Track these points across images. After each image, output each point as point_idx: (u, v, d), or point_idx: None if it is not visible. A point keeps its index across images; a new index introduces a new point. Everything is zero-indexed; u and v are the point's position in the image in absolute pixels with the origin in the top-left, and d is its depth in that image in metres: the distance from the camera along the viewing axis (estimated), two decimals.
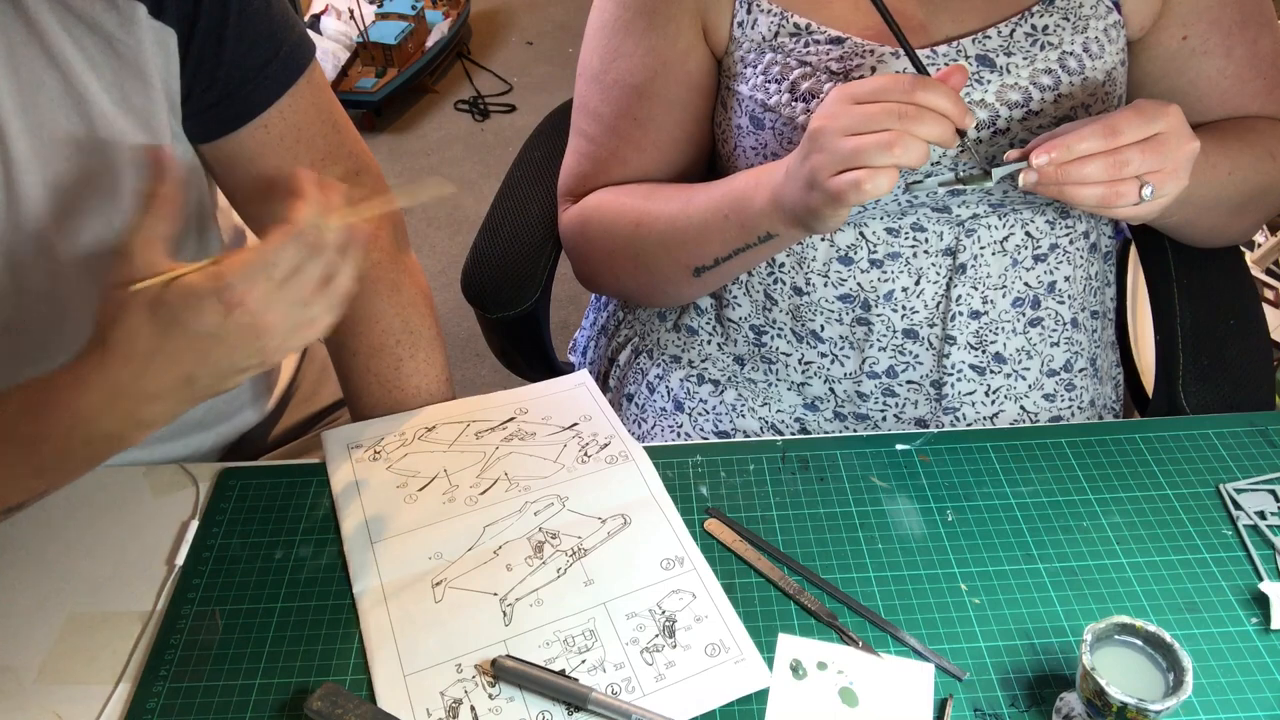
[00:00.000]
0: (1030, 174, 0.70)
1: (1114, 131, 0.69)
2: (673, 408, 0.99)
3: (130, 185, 0.70)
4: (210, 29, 0.69)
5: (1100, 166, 0.69)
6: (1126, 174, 0.70)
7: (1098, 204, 0.71)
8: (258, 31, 0.71)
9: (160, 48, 0.68)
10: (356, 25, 2.91)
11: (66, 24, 0.65)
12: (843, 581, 0.72)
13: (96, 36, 0.66)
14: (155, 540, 0.76)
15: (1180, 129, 0.71)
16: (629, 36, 0.89)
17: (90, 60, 0.66)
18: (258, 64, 0.72)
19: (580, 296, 1.36)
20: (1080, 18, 0.83)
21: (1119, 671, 0.59)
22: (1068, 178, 0.70)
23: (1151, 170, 0.70)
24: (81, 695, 0.66)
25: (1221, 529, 0.75)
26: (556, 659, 0.67)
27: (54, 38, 0.65)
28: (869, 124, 0.69)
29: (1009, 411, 0.92)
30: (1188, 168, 0.72)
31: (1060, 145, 0.69)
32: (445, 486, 0.79)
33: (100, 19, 0.66)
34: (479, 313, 1.07)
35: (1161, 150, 0.70)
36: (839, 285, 0.88)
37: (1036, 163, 0.69)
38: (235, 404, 0.93)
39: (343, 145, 0.79)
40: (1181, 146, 0.71)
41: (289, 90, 0.74)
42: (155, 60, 0.68)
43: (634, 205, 0.90)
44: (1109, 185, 0.70)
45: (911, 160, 0.68)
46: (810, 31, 0.84)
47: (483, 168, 2.82)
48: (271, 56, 0.72)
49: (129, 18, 0.66)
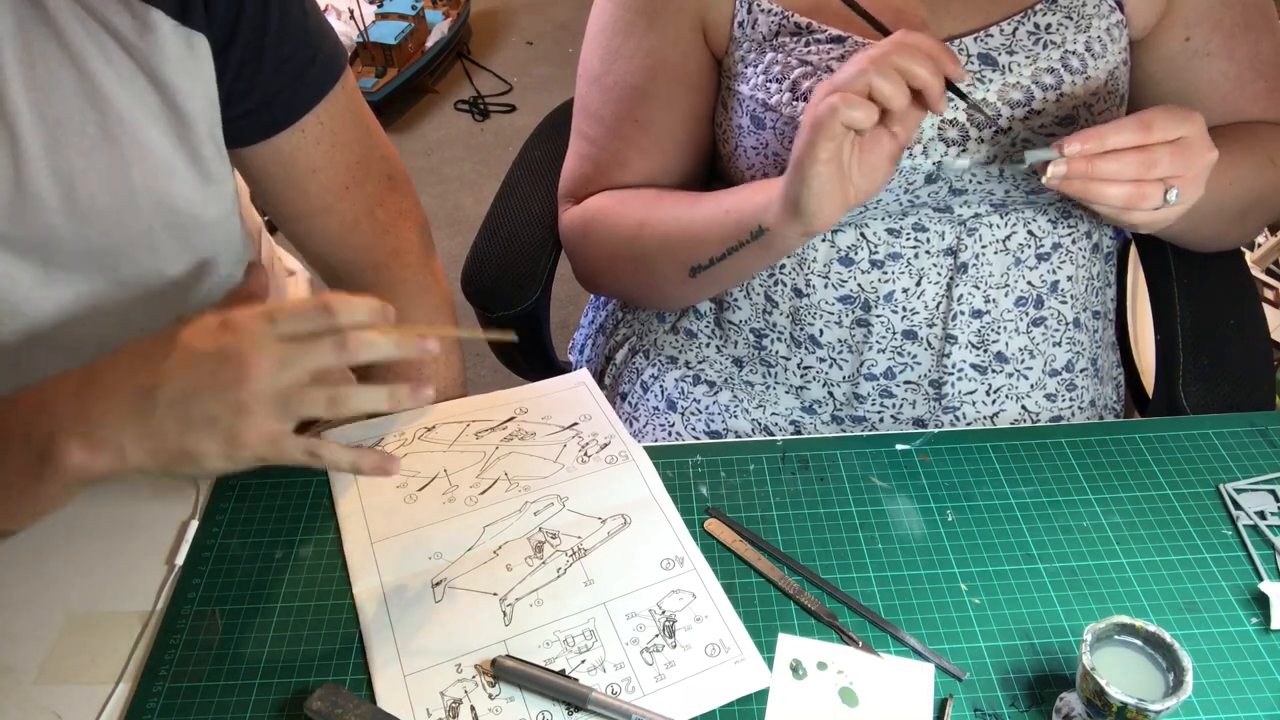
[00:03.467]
0: (1060, 165, 0.69)
1: (1147, 126, 0.69)
2: (665, 406, 0.99)
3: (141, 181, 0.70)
4: (252, 37, 0.69)
5: (1131, 162, 0.69)
6: (1154, 174, 0.69)
7: (1122, 204, 0.70)
8: (296, 39, 0.72)
9: (188, 53, 0.68)
10: (356, 25, 2.91)
11: (84, 22, 0.66)
12: (843, 581, 0.72)
13: (112, 37, 0.66)
14: (155, 540, 0.76)
15: (1203, 137, 0.71)
16: (629, 37, 0.89)
17: (107, 58, 0.66)
18: (297, 71, 0.72)
19: (580, 296, 1.36)
20: (1083, 17, 0.83)
21: (1119, 671, 0.59)
22: (1097, 172, 0.69)
23: (1176, 174, 0.70)
24: (81, 695, 0.66)
25: (1221, 529, 0.75)
26: (556, 659, 0.67)
27: (72, 34, 0.65)
28: (847, 68, 0.69)
29: (1010, 411, 0.92)
30: (1205, 178, 0.72)
31: (1094, 136, 0.69)
32: (445, 486, 0.79)
33: (115, 22, 0.66)
34: (479, 312, 1.07)
35: (1187, 155, 0.70)
36: (839, 286, 0.88)
37: (1069, 151, 0.69)
38: None
39: (375, 149, 0.80)
40: (1204, 154, 0.71)
41: (326, 96, 0.75)
42: (180, 66, 0.68)
43: (639, 207, 0.90)
44: (1136, 186, 0.70)
45: (888, 88, 0.67)
46: (811, 31, 0.84)
47: (483, 168, 2.82)
48: (309, 63, 0.73)
49: (145, 23, 0.66)
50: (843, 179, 0.72)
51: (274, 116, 0.74)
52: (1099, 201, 0.71)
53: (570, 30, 3.46)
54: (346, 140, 0.77)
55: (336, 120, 0.76)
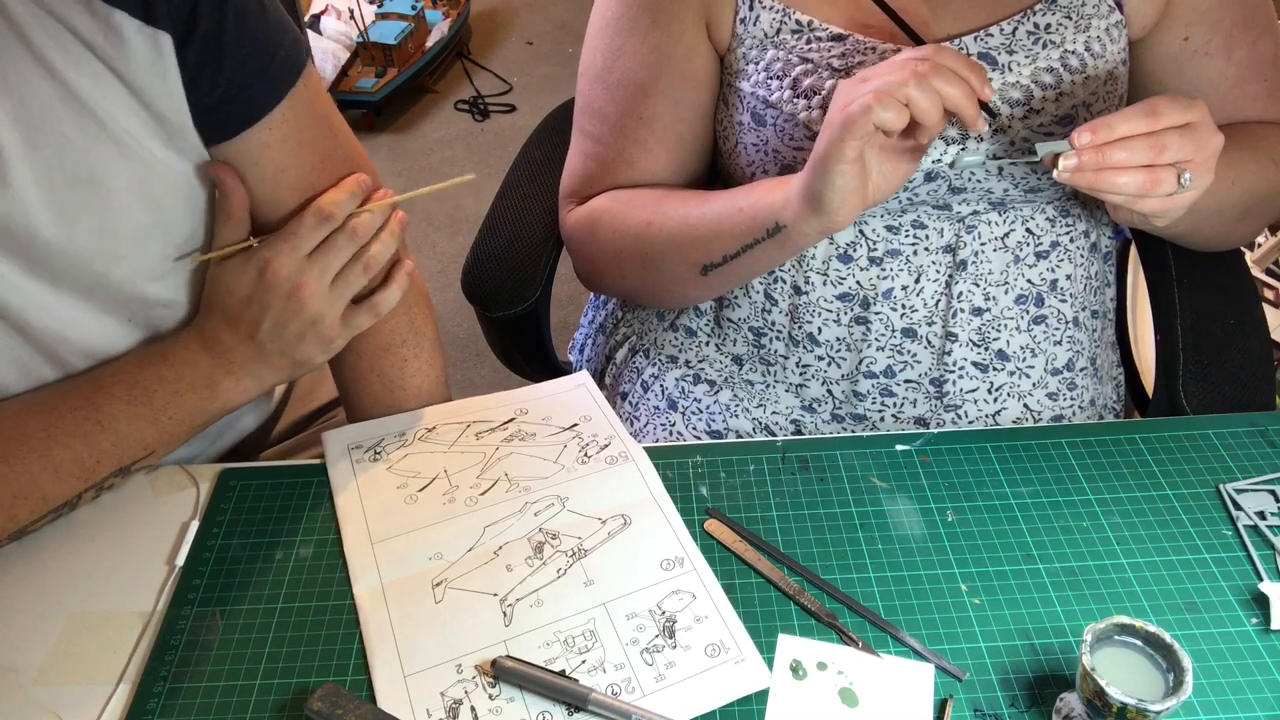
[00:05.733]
0: (1070, 158, 0.69)
1: (1154, 112, 0.69)
2: (666, 406, 0.99)
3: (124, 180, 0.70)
4: (209, 35, 0.69)
5: (1140, 148, 0.69)
6: (1164, 159, 0.69)
7: (1136, 191, 0.70)
8: (255, 36, 0.71)
9: (155, 54, 0.68)
10: (356, 25, 2.91)
11: (46, 25, 0.65)
12: (843, 582, 0.72)
13: (76, 39, 0.66)
14: (155, 540, 0.76)
15: (1209, 122, 0.71)
16: (633, 34, 0.89)
17: (74, 60, 0.66)
18: (257, 68, 0.72)
19: (580, 296, 1.36)
20: (1082, 16, 0.83)
21: (1119, 671, 0.59)
22: (1108, 160, 0.69)
23: (1186, 158, 0.70)
24: (81, 695, 0.66)
25: (1221, 529, 0.75)
26: (556, 659, 0.67)
27: (36, 37, 0.64)
28: (884, 73, 0.70)
29: (1012, 409, 0.92)
30: (1214, 162, 0.72)
31: (1102, 125, 0.69)
32: (445, 487, 0.79)
33: (77, 23, 0.65)
34: (479, 312, 1.07)
35: (1196, 138, 0.70)
36: (838, 284, 0.88)
37: (1079, 141, 0.69)
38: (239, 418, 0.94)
39: (339, 147, 0.80)
40: (1212, 138, 0.71)
41: (289, 93, 0.75)
42: (146, 66, 0.67)
43: (646, 205, 0.89)
44: (1148, 172, 0.70)
45: (925, 103, 0.68)
46: (812, 28, 0.84)
47: (483, 168, 2.82)
48: (269, 61, 0.72)
49: (109, 25, 0.66)
50: (864, 177, 0.73)
51: (238, 114, 0.73)
52: (1112, 191, 0.71)
53: (570, 30, 3.46)
54: (310, 137, 0.77)
55: (300, 117, 0.76)
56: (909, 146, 0.75)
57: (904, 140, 0.74)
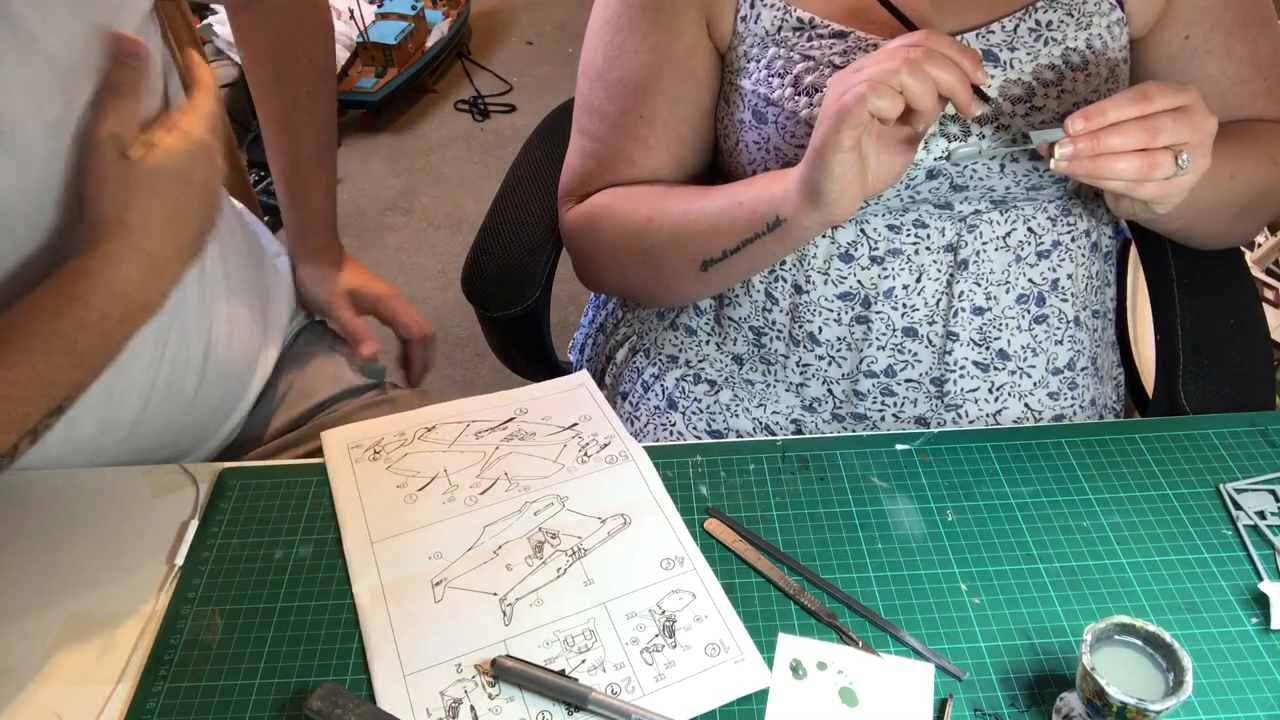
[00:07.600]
0: (1066, 146, 0.70)
1: (1146, 96, 0.69)
2: (666, 406, 0.99)
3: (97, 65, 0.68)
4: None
5: (1134, 131, 0.69)
6: (1159, 141, 0.70)
7: (1135, 176, 0.70)
8: None
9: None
10: (356, 25, 2.91)
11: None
12: (843, 581, 0.72)
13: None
14: (155, 540, 0.76)
15: (1202, 105, 0.71)
16: (633, 33, 0.89)
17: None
18: None
19: (580, 296, 1.36)
20: (1084, 14, 0.83)
21: (1119, 671, 0.59)
22: (1103, 146, 0.69)
23: (1182, 140, 0.70)
24: (81, 695, 0.66)
25: (1221, 529, 0.75)
26: (556, 659, 0.67)
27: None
28: (878, 61, 0.70)
29: (1013, 409, 0.92)
30: (1210, 144, 0.72)
31: (1095, 110, 0.69)
32: (445, 486, 0.79)
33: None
34: (479, 312, 1.07)
35: (1190, 120, 0.70)
36: (839, 283, 0.88)
37: (1073, 128, 0.69)
38: (232, 411, 0.93)
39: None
40: (1205, 120, 0.71)
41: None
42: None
43: (646, 201, 0.89)
44: (1145, 156, 0.70)
45: (919, 89, 0.68)
46: (814, 26, 0.84)
47: (483, 168, 2.82)
48: None
49: None
50: (863, 167, 0.73)
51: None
52: (1110, 178, 0.71)
53: (570, 30, 3.46)
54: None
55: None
56: (906, 135, 0.75)
57: (901, 128, 0.74)
